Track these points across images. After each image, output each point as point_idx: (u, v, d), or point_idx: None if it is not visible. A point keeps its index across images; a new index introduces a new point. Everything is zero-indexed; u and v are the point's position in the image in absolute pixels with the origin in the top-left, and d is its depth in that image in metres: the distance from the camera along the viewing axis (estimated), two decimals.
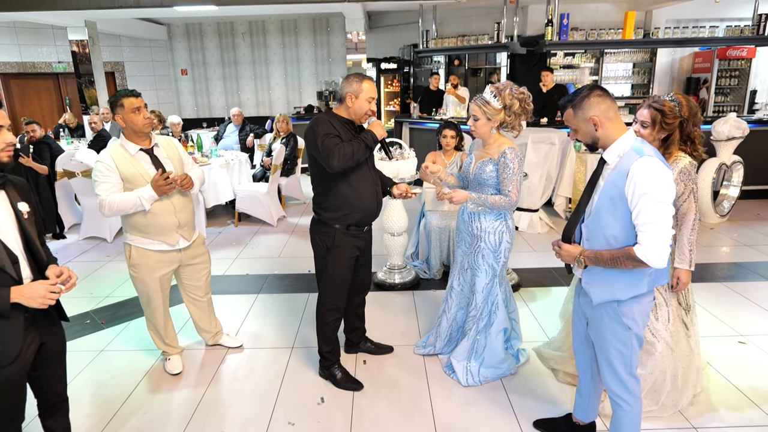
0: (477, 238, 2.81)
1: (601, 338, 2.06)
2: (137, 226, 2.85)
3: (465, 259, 2.94)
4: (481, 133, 2.74)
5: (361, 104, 2.64)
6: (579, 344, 2.28)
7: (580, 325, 2.22)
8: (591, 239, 1.99)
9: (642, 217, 1.80)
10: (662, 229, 1.79)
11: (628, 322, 1.97)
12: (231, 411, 2.78)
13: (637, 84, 8.88)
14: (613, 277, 1.95)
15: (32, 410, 2.19)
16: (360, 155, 2.58)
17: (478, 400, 2.80)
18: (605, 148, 1.94)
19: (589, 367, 2.27)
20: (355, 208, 2.71)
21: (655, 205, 1.77)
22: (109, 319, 3.87)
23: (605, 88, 2.01)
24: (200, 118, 11.41)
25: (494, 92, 2.65)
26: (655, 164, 1.79)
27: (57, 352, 2.09)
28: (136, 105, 2.71)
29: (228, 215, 6.59)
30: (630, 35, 7.07)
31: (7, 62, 9.73)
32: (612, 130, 1.92)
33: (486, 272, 2.83)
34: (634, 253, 1.82)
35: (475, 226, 2.81)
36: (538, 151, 5.49)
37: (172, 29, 11.17)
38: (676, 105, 2.36)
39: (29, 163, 5.44)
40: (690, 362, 2.61)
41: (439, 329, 3.17)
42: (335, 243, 2.76)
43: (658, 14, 8.36)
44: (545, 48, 7.06)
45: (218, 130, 7.91)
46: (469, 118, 2.77)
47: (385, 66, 10.01)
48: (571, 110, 1.96)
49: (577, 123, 1.96)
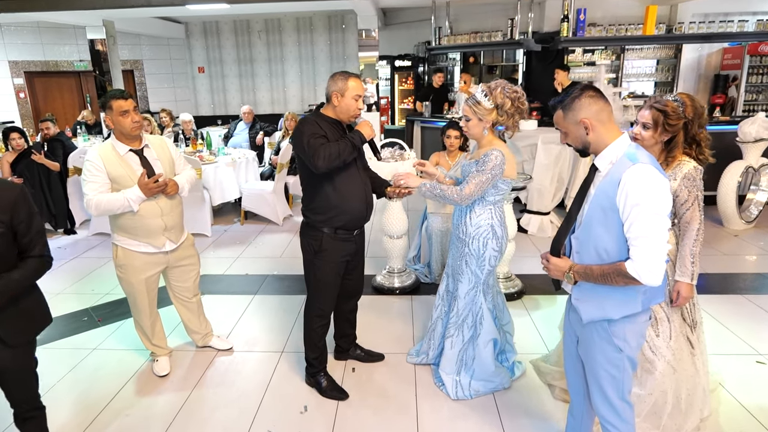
0: (462, 243, 2.69)
1: (591, 359, 1.91)
2: (124, 227, 2.82)
3: (452, 264, 2.83)
4: (474, 134, 2.61)
5: (347, 102, 2.54)
6: (570, 363, 2.12)
7: (571, 343, 2.06)
8: (581, 252, 1.85)
9: (634, 229, 1.65)
10: (656, 243, 1.64)
11: (619, 344, 1.82)
12: (213, 416, 2.73)
13: (660, 82, 8.55)
14: (605, 293, 1.81)
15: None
16: (346, 155, 2.49)
17: (468, 415, 2.68)
18: (597, 154, 1.80)
19: (582, 388, 2.12)
20: (341, 210, 2.62)
21: (649, 217, 1.62)
22: (106, 316, 3.87)
23: (599, 88, 1.86)
24: (216, 115, 11.50)
25: (485, 91, 2.52)
26: (650, 172, 1.64)
27: (13, 371, 2.01)
28: (124, 108, 2.66)
29: (235, 213, 6.57)
30: (651, 30, 6.79)
31: (32, 61, 9.94)
32: (604, 135, 1.77)
33: (469, 279, 2.70)
34: (626, 270, 1.67)
35: (461, 230, 2.69)
36: (549, 152, 5.31)
37: (190, 27, 11.26)
38: (680, 105, 2.20)
39: (41, 159, 5.52)
40: (695, 383, 2.43)
41: (434, 335, 3.05)
42: (322, 247, 2.67)
43: (684, 8, 8.01)
44: (560, 44, 6.84)
45: (228, 128, 7.92)
46: (461, 119, 2.65)
47: (399, 63, 9.87)
48: (561, 112, 1.82)
49: (567, 125, 1.82)
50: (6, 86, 9.74)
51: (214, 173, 5.77)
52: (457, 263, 2.76)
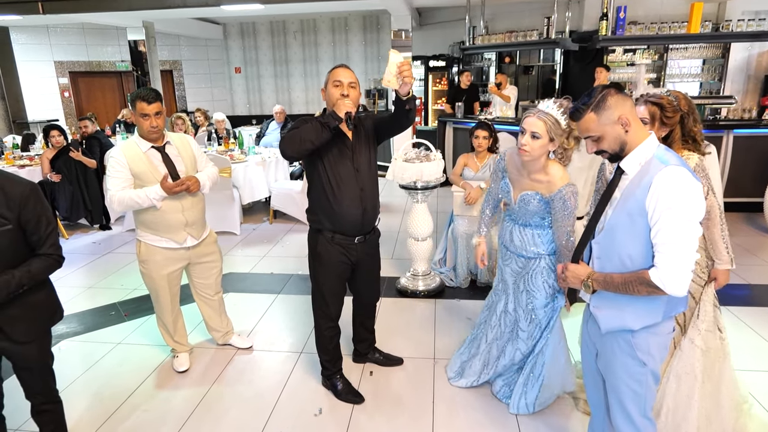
0: (532, 260, 2.50)
1: (611, 373, 1.79)
2: (146, 222, 2.85)
3: (519, 282, 2.60)
4: (535, 156, 2.25)
5: (330, 91, 2.39)
6: (590, 377, 2.00)
7: (590, 356, 1.95)
8: (602, 257, 1.74)
9: (662, 235, 1.54)
10: (685, 251, 1.52)
11: (643, 357, 1.70)
12: (228, 415, 2.72)
13: (706, 82, 8.16)
14: (626, 301, 1.69)
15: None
16: (313, 137, 2.27)
17: (486, 425, 2.57)
18: (626, 155, 1.68)
19: (602, 403, 2.00)
20: (332, 213, 2.50)
21: (681, 223, 1.52)
22: (132, 311, 3.94)
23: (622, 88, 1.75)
24: (251, 115, 11.67)
25: (562, 110, 2.20)
26: (684, 175, 1.53)
27: (21, 368, 2.04)
28: (145, 111, 2.67)
29: (265, 212, 6.62)
30: (696, 29, 6.47)
31: (76, 61, 10.32)
32: (639, 133, 1.66)
33: (546, 293, 2.52)
34: (649, 278, 1.56)
35: (529, 250, 2.48)
36: (583, 156, 5.07)
37: (228, 28, 11.46)
38: (674, 99, 2.11)
39: (79, 157, 5.69)
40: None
41: (489, 358, 2.79)
42: (317, 250, 2.59)
43: (733, 5, 7.62)
44: (599, 43, 6.60)
45: (261, 128, 8.00)
46: (523, 134, 2.25)
47: (433, 64, 9.77)
48: (593, 114, 1.65)
49: (603, 128, 1.65)
50: (52, 85, 10.13)
51: (243, 172, 5.82)
52: (530, 281, 2.54)
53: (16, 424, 2.57)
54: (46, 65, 10.04)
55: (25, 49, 9.74)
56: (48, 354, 2.11)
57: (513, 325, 2.66)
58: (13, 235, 1.84)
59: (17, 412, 2.49)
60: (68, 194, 5.70)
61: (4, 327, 1.90)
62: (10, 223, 1.83)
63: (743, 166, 5.89)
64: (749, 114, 6.31)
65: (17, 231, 1.86)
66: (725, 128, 5.92)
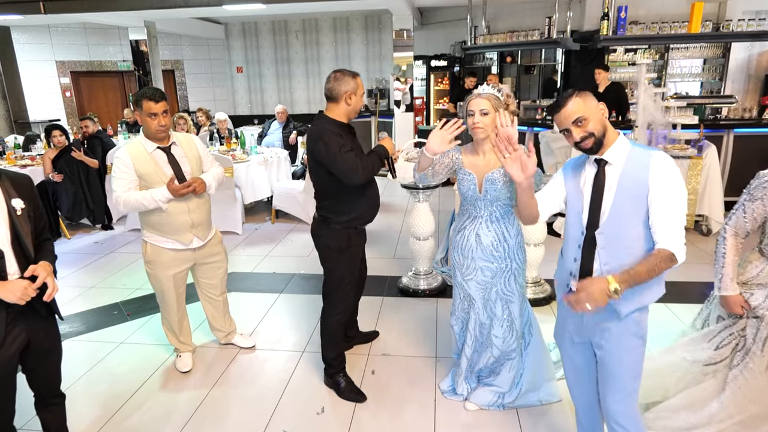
0: (506, 261, 2.45)
1: (615, 360, 1.85)
2: (152, 224, 2.87)
3: (497, 289, 2.51)
4: (488, 131, 2.33)
5: (359, 101, 2.60)
6: (572, 373, 2.10)
7: (575, 352, 2.03)
8: (607, 247, 1.80)
9: (670, 210, 1.69)
10: (683, 223, 1.72)
11: (642, 333, 1.85)
12: (231, 414, 2.74)
13: (707, 82, 8.17)
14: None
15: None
16: (378, 169, 2.63)
17: (487, 423, 2.59)
18: (604, 150, 1.79)
19: (585, 395, 2.08)
20: (368, 207, 2.76)
21: (683, 199, 1.72)
22: (135, 311, 3.95)
23: None
24: (253, 114, 11.68)
25: (497, 88, 2.37)
26: (670, 158, 1.76)
27: (46, 350, 2.08)
28: (153, 110, 2.67)
29: (267, 212, 6.63)
30: (697, 29, 6.47)
31: (78, 61, 10.33)
32: (611, 128, 1.82)
33: (519, 294, 2.51)
34: (670, 252, 1.67)
35: (503, 248, 2.43)
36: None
37: (230, 28, 11.47)
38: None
39: (81, 157, 5.70)
40: None
41: (471, 375, 2.76)
42: (351, 243, 2.74)
43: (733, 5, 7.62)
44: (600, 43, 6.61)
45: (263, 127, 8.01)
46: (472, 115, 2.32)
47: (435, 63, 9.77)
48: (577, 98, 1.75)
49: (589, 109, 1.76)
50: (53, 85, 10.13)
51: (245, 172, 5.84)
52: (504, 286, 2.49)
53: (17, 424, 2.57)
54: (48, 65, 10.05)
55: (27, 48, 9.74)
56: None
57: (488, 333, 2.60)
58: (32, 220, 1.98)
59: (17, 412, 2.49)
60: (70, 194, 5.71)
61: (34, 303, 1.92)
62: (31, 209, 1.97)
63: (744, 166, 5.89)
64: (750, 113, 6.32)
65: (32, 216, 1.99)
66: (726, 128, 5.93)
